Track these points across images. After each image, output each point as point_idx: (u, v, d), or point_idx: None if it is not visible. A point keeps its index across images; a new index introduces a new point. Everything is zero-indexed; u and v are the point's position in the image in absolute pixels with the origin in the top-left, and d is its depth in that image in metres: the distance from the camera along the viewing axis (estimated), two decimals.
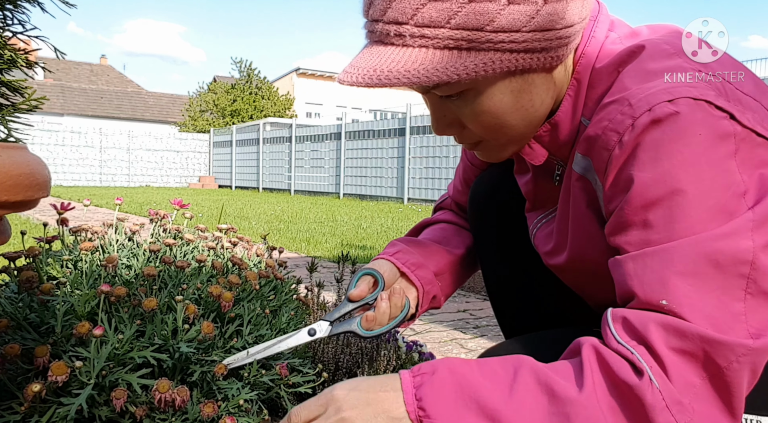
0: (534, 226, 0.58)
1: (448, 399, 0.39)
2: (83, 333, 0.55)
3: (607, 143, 0.41)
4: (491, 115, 0.45)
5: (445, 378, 0.40)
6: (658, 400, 0.35)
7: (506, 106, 0.45)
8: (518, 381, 0.39)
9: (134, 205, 5.93)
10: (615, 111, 0.41)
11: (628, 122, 0.40)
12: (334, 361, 0.78)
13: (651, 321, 0.37)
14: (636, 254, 0.39)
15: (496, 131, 0.47)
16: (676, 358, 0.36)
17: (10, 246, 2.25)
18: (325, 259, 2.83)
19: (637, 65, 0.43)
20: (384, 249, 0.62)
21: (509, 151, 0.50)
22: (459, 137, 0.50)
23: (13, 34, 0.52)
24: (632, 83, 0.42)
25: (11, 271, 0.68)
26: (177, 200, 0.98)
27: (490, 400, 0.38)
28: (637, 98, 0.40)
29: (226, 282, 0.71)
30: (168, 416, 0.56)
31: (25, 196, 0.41)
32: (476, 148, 0.51)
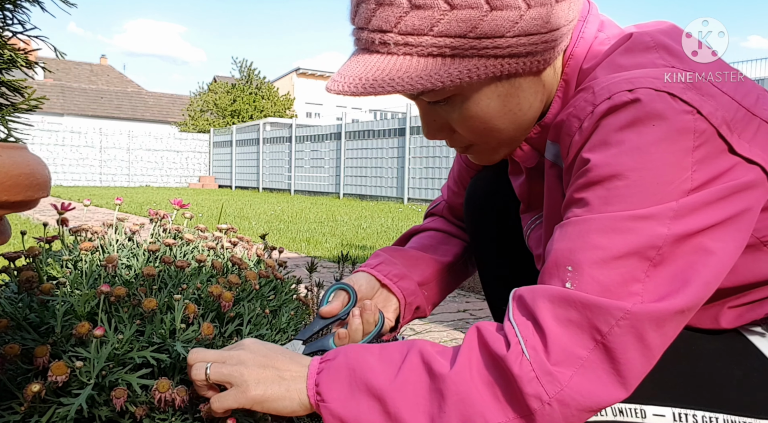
0: (528, 227, 0.58)
1: (341, 382, 0.41)
2: (83, 333, 0.55)
3: (569, 129, 0.42)
4: (479, 120, 0.46)
5: (340, 363, 0.42)
6: (526, 371, 0.36)
7: (493, 110, 0.45)
8: (405, 362, 0.40)
9: (134, 205, 5.93)
10: (580, 99, 0.42)
11: (589, 109, 0.41)
12: None
13: (540, 295, 0.38)
14: (562, 223, 0.41)
15: (484, 135, 0.47)
16: (560, 329, 0.37)
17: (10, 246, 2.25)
18: (325, 259, 2.83)
19: (611, 59, 0.44)
20: (368, 259, 0.63)
21: (501, 153, 0.51)
22: (450, 141, 0.50)
23: (13, 34, 0.52)
24: (602, 73, 0.43)
25: (11, 271, 0.68)
26: (177, 200, 0.98)
27: (377, 380, 0.40)
28: (600, 86, 0.41)
29: (226, 282, 0.71)
30: (168, 416, 0.56)
31: (25, 196, 0.41)
32: (468, 151, 0.51)
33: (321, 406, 0.41)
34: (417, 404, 0.38)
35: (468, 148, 0.51)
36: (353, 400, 0.40)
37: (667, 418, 0.43)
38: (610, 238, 0.37)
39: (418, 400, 0.39)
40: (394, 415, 0.39)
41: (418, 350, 0.41)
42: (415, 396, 0.39)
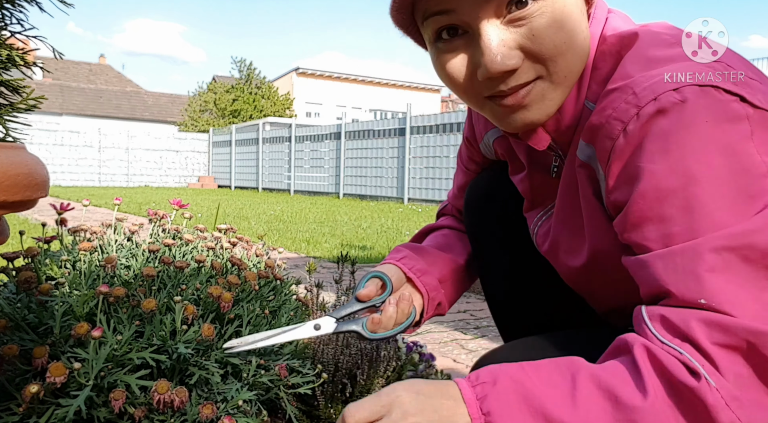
0: (534, 225, 0.58)
1: (515, 412, 0.38)
2: (82, 334, 0.55)
3: (610, 132, 0.41)
4: (565, 28, 0.43)
5: (508, 388, 0.39)
6: (717, 399, 0.35)
7: (576, 20, 0.43)
8: (579, 388, 0.38)
9: (133, 206, 5.92)
10: (618, 99, 0.40)
11: (633, 111, 0.39)
12: (333, 362, 0.78)
13: (692, 318, 0.36)
14: (663, 253, 0.38)
15: (562, 53, 0.43)
16: (722, 352, 0.36)
17: (8, 246, 2.24)
18: (324, 260, 2.82)
19: (638, 51, 0.42)
20: (389, 254, 0.62)
21: (557, 98, 0.46)
22: (514, 77, 0.44)
23: (11, 34, 0.52)
24: (635, 70, 0.41)
25: (10, 272, 0.68)
26: (176, 200, 0.98)
27: (556, 411, 0.37)
28: (641, 87, 0.39)
29: (226, 282, 0.71)
30: (167, 417, 0.55)
31: (23, 196, 0.41)
32: (526, 96, 0.45)
33: None
34: None
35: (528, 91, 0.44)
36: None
37: None
38: (727, 261, 0.36)
39: None
40: None
41: (588, 374, 0.38)
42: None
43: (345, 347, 0.78)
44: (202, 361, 0.61)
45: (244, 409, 0.60)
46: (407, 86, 22.20)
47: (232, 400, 0.60)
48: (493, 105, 0.46)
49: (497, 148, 0.63)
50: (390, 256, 0.60)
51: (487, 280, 0.70)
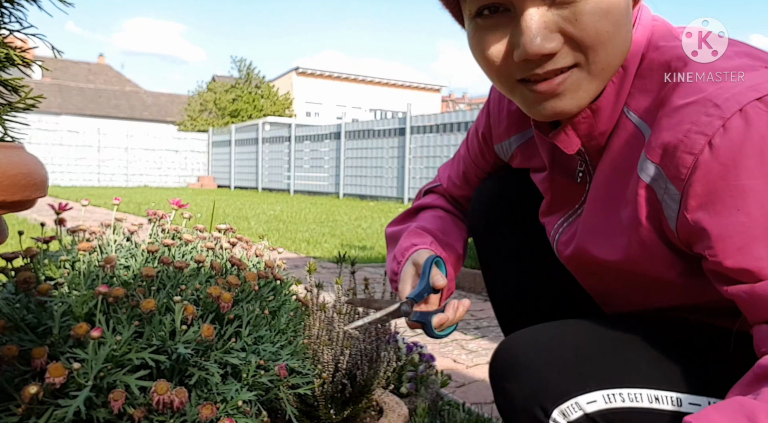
0: (555, 231, 0.56)
1: None
2: (81, 334, 0.54)
3: (691, 147, 0.38)
4: (610, 16, 0.41)
5: None
6: None
7: (620, 11, 0.41)
8: None
9: (132, 206, 5.92)
10: (697, 113, 0.38)
11: (717, 123, 0.37)
12: (333, 363, 0.78)
13: None
14: None
15: (603, 43, 0.42)
16: None
17: (7, 246, 2.24)
18: (324, 260, 2.82)
19: (704, 65, 0.41)
20: (410, 236, 0.63)
21: (592, 89, 0.44)
22: (551, 61, 0.42)
23: (9, 32, 0.52)
24: (707, 83, 0.39)
25: (8, 272, 0.68)
26: (175, 200, 0.98)
27: None
28: (722, 98, 0.37)
29: (225, 283, 0.71)
30: (166, 418, 0.55)
31: (22, 196, 0.40)
32: (562, 83, 0.43)
33: None
34: None
35: (565, 78, 0.43)
36: None
37: (702, 407, 0.43)
38: None
39: None
40: None
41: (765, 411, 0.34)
42: None
43: (345, 348, 0.78)
44: (201, 362, 0.61)
45: (243, 410, 0.60)
46: (407, 86, 22.19)
47: (232, 400, 0.60)
48: (525, 90, 0.45)
49: (518, 154, 0.62)
50: (420, 241, 0.62)
51: (494, 285, 0.70)
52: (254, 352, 0.66)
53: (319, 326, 0.80)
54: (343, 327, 0.60)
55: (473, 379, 1.25)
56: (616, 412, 0.44)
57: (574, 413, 0.44)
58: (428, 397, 0.95)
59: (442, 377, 1.08)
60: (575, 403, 0.44)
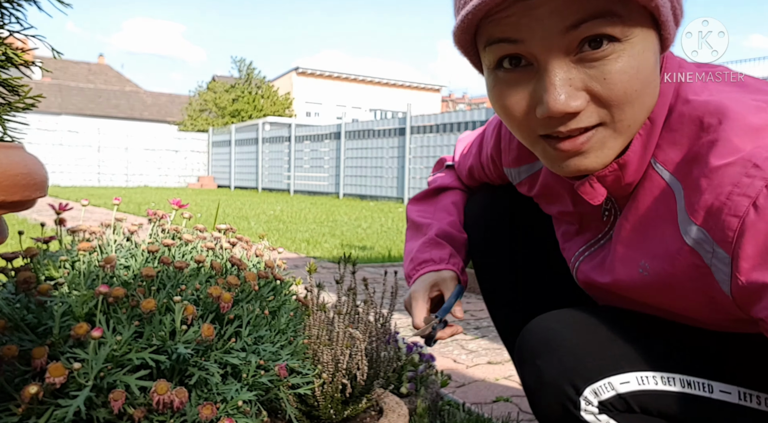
0: (576, 258, 0.56)
1: None
2: (81, 334, 0.54)
3: (736, 210, 0.37)
4: (639, 74, 0.40)
5: None
6: None
7: (650, 68, 0.40)
8: None
9: (132, 205, 5.92)
10: (738, 174, 0.37)
11: (760, 184, 0.36)
12: (333, 363, 0.78)
13: None
14: None
15: (630, 102, 0.41)
16: None
17: (7, 246, 2.24)
18: (324, 260, 2.82)
19: (738, 122, 0.40)
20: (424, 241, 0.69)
21: (615, 148, 0.43)
22: (578, 117, 0.41)
23: (9, 33, 0.52)
24: (744, 142, 0.38)
25: (8, 272, 0.68)
26: (175, 200, 0.98)
27: None
28: (762, 158, 0.37)
29: (225, 283, 0.71)
30: (166, 418, 0.55)
31: (22, 196, 0.40)
32: (586, 142, 0.42)
33: None
34: None
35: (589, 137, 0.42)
36: None
37: (732, 395, 0.44)
38: None
39: None
40: None
41: None
42: None
43: (345, 348, 0.78)
44: (201, 362, 0.61)
45: (243, 410, 0.60)
46: (407, 86, 22.19)
47: (232, 400, 0.60)
48: (547, 146, 0.44)
49: (526, 183, 0.62)
50: (437, 252, 0.68)
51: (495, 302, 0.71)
52: (254, 352, 0.66)
53: (319, 326, 0.80)
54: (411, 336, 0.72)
55: (473, 379, 1.25)
56: (648, 394, 0.44)
57: (607, 393, 0.45)
58: (428, 397, 0.95)
59: (442, 377, 1.08)
60: (608, 382, 0.45)
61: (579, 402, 0.45)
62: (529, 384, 0.49)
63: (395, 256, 3.01)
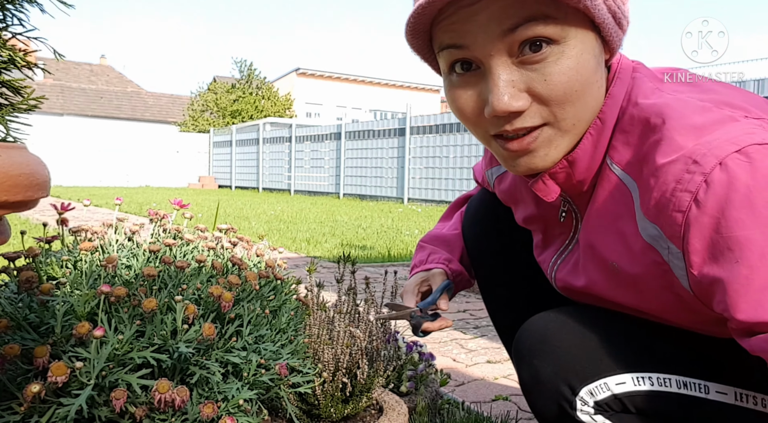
0: (551, 269, 0.56)
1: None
2: (83, 333, 0.55)
3: (679, 205, 0.39)
4: (577, 75, 0.42)
5: None
6: None
7: (590, 69, 0.42)
8: None
9: (134, 205, 5.93)
10: (680, 170, 0.39)
11: (699, 179, 0.38)
12: (334, 362, 0.78)
13: None
14: None
15: (571, 101, 0.43)
16: None
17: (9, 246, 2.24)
18: (325, 259, 2.82)
19: (681, 121, 0.41)
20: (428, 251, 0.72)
21: (562, 147, 0.45)
22: (519, 119, 0.43)
23: (12, 35, 0.52)
24: (686, 140, 0.40)
25: (11, 272, 0.68)
26: (177, 200, 0.98)
27: None
28: (700, 154, 0.38)
29: (226, 282, 0.71)
30: (168, 416, 0.56)
31: (24, 196, 0.41)
32: (532, 142, 0.44)
33: None
34: None
35: (535, 137, 0.44)
36: None
37: (729, 396, 0.45)
38: None
39: None
40: None
41: None
42: None
43: (345, 347, 0.78)
44: (202, 361, 0.61)
45: (244, 409, 0.61)
46: (407, 86, 22.19)
47: (233, 399, 0.60)
48: (498, 146, 0.46)
49: (497, 185, 0.64)
50: (438, 258, 0.71)
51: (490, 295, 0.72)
52: (255, 351, 0.67)
53: (320, 325, 0.81)
54: (372, 316, 0.71)
55: (472, 378, 1.25)
56: (643, 394, 0.45)
57: (602, 393, 0.45)
58: (428, 396, 0.96)
59: (441, 376, 1.08)
60: (604, 383, 0.45)
61: (575, 402, 0.46)
62: (526, 383, 0.50)
63: (395, 255, 3.02)
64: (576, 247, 0.53)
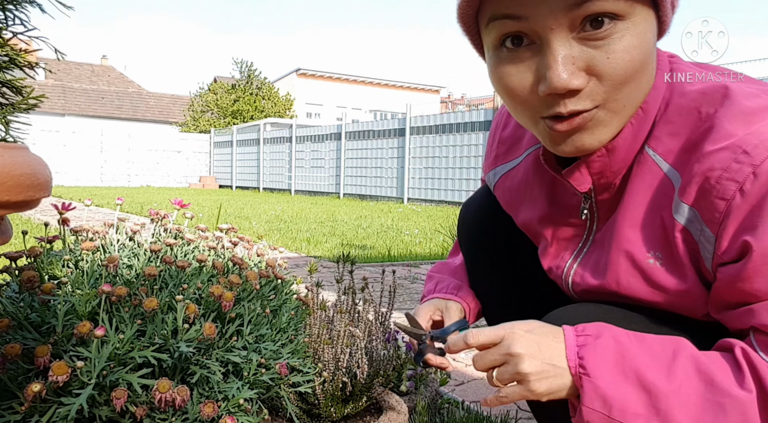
0: (566, 273, 0.55)
1: (609, 364, 0.42)
2: (84, 333, 0.55)
3: (723, 193, 0.39)
4: (640, 54, 0.40)
5: (608, 344, 0.42)
6: None
7: (650, 49, 0.41)
8: (677, 363, 0.41)
9: (135, 205, 5.93)
10: (728, 159, 0.39)
11: (747, 170, 0.38)
12: (334, 361, 0.78)
13: None
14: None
15: (628, 82, 0.41)
16: None
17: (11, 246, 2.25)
18: (325, 259, 2.83)
19: (732, 108, 0.41)
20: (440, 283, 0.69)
21: (609, 132, 0.44)
22: (578, 96, 0.42)
23: (13, 35, 0.52)
24: (737, 128, 0.40)
25: (12, 271, 0.68)
26: (178, 200, 0.98)
27: (649, 374, 0.40)
28: (752, 144, 0.39)
29: (227, 282, 0.71)
30: (168, 416, 0.56)
31: (26, 196, 0.41)
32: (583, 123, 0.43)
33: (584, 379, 0.42)
34: (690, 410, 0.39)
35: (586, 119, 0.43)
36: (621, 385, 0.41)
37: None
38: None
39: (691, 407, 0.39)
40: (663, 413, 0.40)
41: (690, 354, 0.41)
42: (688, 401, 0.39)
43: (345, 346, 0.79)
44: (203, 360, 0.61)
45: (245, 408, 0.61)
46: (407, 87, 22.19)
47: (233, 398, 0.60)
48: (547, 127, 0.44)
49: (502, 182, 0.62)
50: (445, 287, 0.68)
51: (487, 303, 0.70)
52: (255, 351, 0.67)
53: (320, 325, 0.81)
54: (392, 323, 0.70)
55: (472, 378, 1.25)
56: None
57: None
58: (428, 396, 0.96)
59: (441, 376, 1.08)
60: None
61: None
62: None
63: (395, 255, 3.02)
64: (593, 247, 0.52)
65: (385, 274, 1.05)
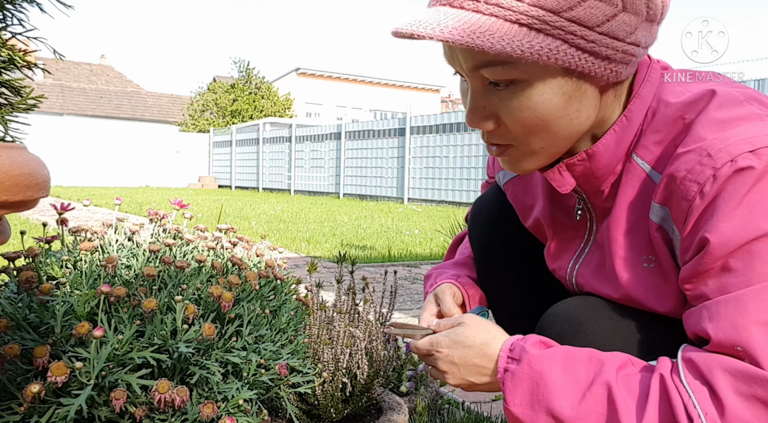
0: (570, 274, 0.56)
1: (524, 392, 0.45)
2: (83, 333, 0.55)
3: (686, 193, 0.41)
4: (536, 114, 0.43)
5: (523, 373, 0.45)
6: None
7: (553, 108, 0.43)
8: (592, 391, 0.42)
9: (134, 205, 5.93)
10: (693, 161, 0.41)
11: (709, 172, 0.39)
12: (334, 362, 0.78)
13: (718, 366, 0.38)
14: (710, 302, 0.39)
15: (533, 134, 0.45)
16: (741, 403, 0.36)
17: (9, 246, 2.24)
18: (325, 259, 2.82)
19: (708, 114, 0.42)
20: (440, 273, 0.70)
21: (534, 163, 0.48)
22: (489, 135, 0.48)
23: (12, 35, 0.52)
24: (707, 133, 0.41)
25: (11, 271, 0.68)
26: (177, 200, 0.98)
27: (558, 405, 0.42)
28: (716, 149, 0.40)
29: (226, 282, 0.71)
30: (168, 417, 0.56)
31: (24, 196, 0.41)
32: (502, 153, 0.48)
33: (504, 401, 0.46)
34: None
35: (503, 150, 0.48)
36: (533, 413, 0.44)
37: None
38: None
39: None
40: None
41: (605, 382, 0.41)
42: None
43: (345, 347, 0.78)
44: (202, 361, 0.61)
45: (244, 409, 0.61)
46: (407, 86, 22.19)
47: (233, 399, 0.60)
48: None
49: (508, 188, 0.64)
50: (447, 274, 0.69)
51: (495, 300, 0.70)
52: (255, 351, 0.67)
53: (320, 325, 0.81)
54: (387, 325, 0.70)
55: None
56: None
57: None
58: (428, 396, 0.96)
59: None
60: None
61: None
62: None
63: (395, 255, 3.02)
64: (594, 249, 0.53)
65: (387, 274, 1.04)
